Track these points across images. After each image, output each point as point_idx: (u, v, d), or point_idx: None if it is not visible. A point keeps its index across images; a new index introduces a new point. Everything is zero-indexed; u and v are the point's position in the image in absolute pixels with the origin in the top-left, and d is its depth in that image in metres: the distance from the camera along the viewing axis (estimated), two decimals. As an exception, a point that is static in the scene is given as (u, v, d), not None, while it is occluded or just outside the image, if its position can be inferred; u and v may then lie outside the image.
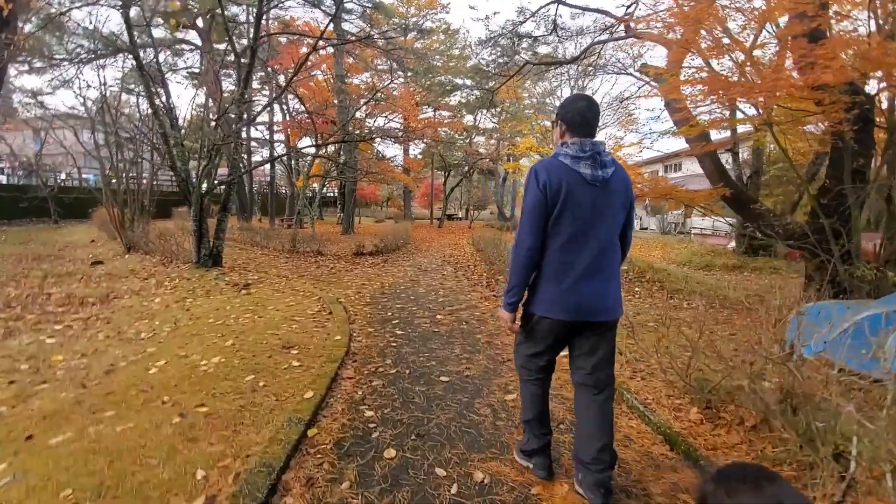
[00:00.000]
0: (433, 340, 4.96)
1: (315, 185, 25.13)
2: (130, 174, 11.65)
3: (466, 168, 31.05)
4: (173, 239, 10.19)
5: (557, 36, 10.51)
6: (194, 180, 8.92)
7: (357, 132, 23.77)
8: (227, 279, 7.82)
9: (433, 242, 18.98)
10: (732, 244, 16.31)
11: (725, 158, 12.73)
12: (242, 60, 8.86)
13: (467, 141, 31.60)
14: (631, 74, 13.26)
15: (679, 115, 6.95)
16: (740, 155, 14.45)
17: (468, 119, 30.14)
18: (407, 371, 3.97)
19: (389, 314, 6.13)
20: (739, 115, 6.85)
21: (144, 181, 12.45)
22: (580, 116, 1.95)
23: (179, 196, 11.49)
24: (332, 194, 33.50)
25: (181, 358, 3.97)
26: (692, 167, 34.91)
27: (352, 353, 4.39)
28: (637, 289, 8.30)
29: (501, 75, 11.75)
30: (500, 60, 12.97)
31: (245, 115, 8.87)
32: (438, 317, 6.06)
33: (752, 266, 12.54)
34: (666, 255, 15.72)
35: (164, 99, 9.05)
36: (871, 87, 5.70)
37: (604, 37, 10.26)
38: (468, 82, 30.88)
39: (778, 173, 14.47)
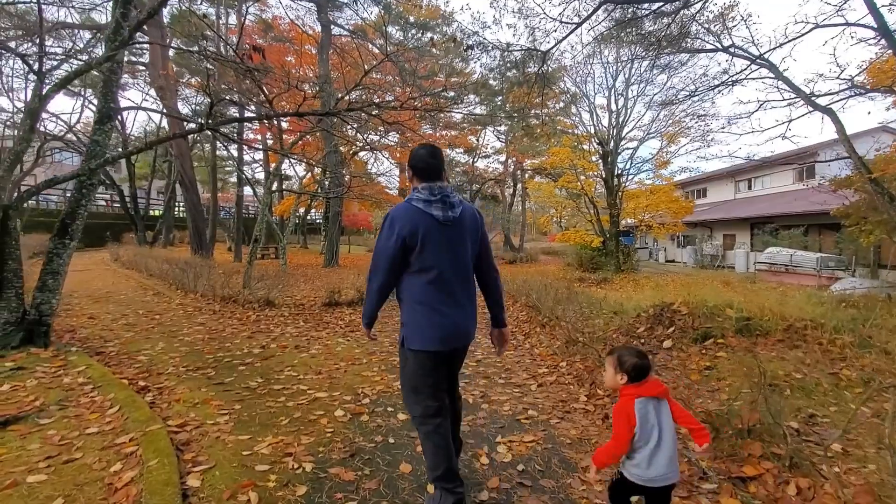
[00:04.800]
0: None
1: (301, 208, 21.27)
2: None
3: (471, 190, 27.02)
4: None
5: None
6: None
7: (344, 148, 19.88)
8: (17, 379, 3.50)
9: (437, 280, 14.64)
10: (840, 286, 12.08)
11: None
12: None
13: (471, 162, 27.87)
14: (728, 51, 9.31)
15: None
16: None
17: (471, 139, 26.51)
18: None
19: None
20: None
21: None
22: (423, 163, 2.06)
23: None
24: (320, 220, 29.29)
25: None
26: (716, 195, 31.43)
27: None
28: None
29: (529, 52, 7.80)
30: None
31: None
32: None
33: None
34: (754, 301, 11.36)
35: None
36: None
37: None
38: (474, 98, 27.68)
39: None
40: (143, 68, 18.36)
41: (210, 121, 4.80)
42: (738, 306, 4.11)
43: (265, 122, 20.27)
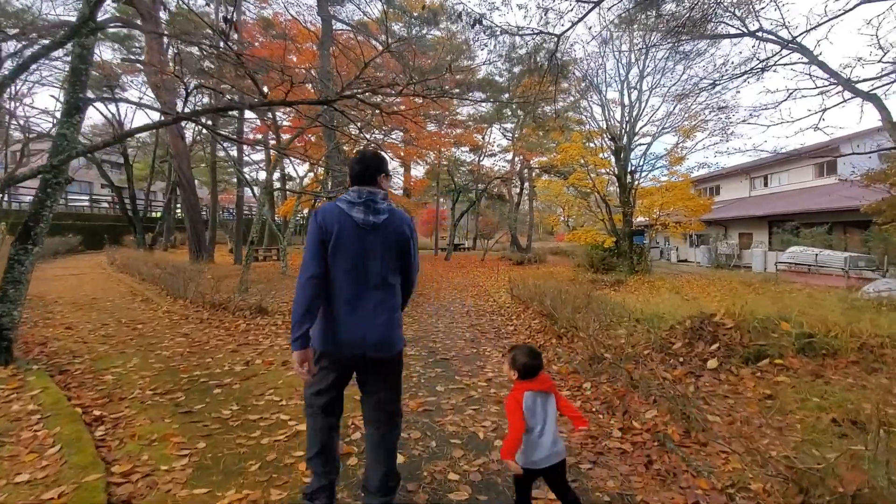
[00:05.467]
0: None
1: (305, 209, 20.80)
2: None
3: (479, 189, 26.41)
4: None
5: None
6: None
7: (347, 147, 19.36)
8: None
9: (443, 283, 14.05)
10: (874, 287, 11.32)
11: None
12: None
13: (476, 160, 27.24)
14: (755, 36, 8.65)
15: None
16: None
17: (477, 137, 25.89)
18: None
19: None
20: None
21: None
22: (353, 168, 2.10)
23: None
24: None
25: None
26: (730, 193, 30.50)
27: None
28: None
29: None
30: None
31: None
32: None
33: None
34: (813, 312, 10.67)
35: None
36: None
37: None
38: (480, 95, 27.05)
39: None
40: (143, 67, 17.96)
41: (187, 110, 4.24)
42: (796, 318, 3.49)
43: (265, 120, 19.83)
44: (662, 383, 3.38)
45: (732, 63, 12.39)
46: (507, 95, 27.20)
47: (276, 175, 30.48)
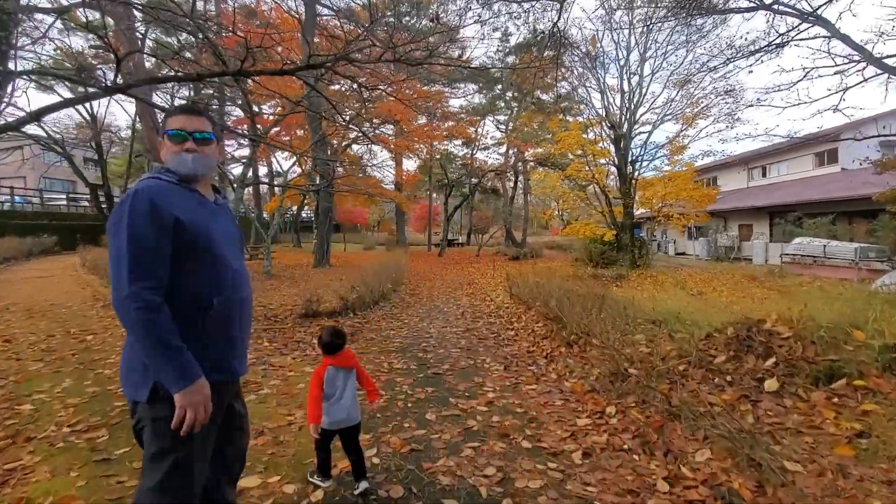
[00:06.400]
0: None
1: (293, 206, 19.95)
2: None
3: (473, 183, 25.67)
4: None
5: None
6: None
7: (335, 143, 18.51)
8: None
9: (437, 281, 13.32)
10: (890, 279, 10.69)
11: None
12: None
13: (469, 154, 26.47)
14: (770, 9, 7.95)
15: None
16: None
17: (470, 129, 25.11)
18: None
19: None
20: None
21: None
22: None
23: None
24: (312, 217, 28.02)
25: None
26: (728, 184, 29.92)
27: None
28: None
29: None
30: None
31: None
32: None
33: None
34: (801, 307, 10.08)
35: None
36: None
37: None
38: (472, 87, 26.23)
39: None
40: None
41: (119, 81, 3.46)
42: (873, 326, 2.80)
43: (247, 114, 18.94)
44: (710, 410, 2.68)
45: (741, 42, 11.68)
46: (499, 87, 26.48)
47: (264, 171, 29.54)
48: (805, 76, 8.53)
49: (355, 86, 14.97)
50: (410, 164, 28.58)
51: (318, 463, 2.29)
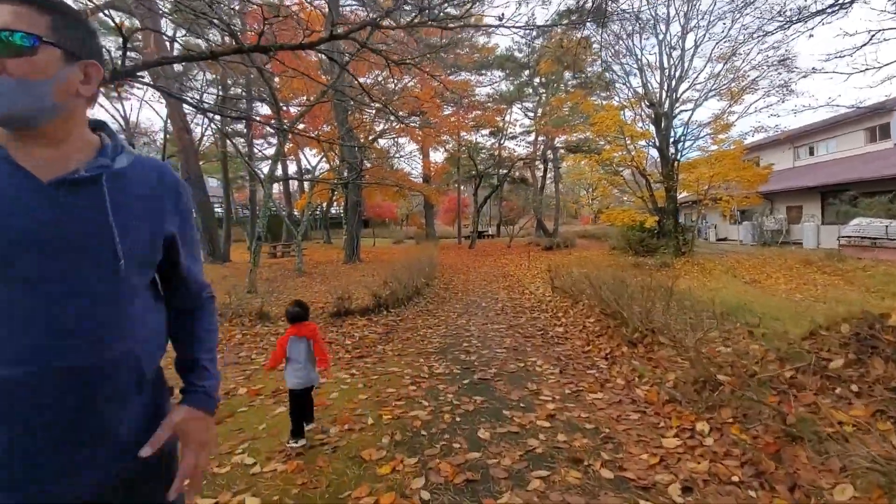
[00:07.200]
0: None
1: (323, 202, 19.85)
2: None
3: (501, 173, 25.03)
4: None
5: None
6: None
7: (362, 138, 18.20)
8: None
9: (470, 274, 12.88)
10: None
11: None
12: None
13: (497, 143, 25.80)
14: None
15: None
16: None
17: (497, 119, 24.41)
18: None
19: None
20: None
21: None
22: None
23: None
24: (342, 213, 27.95)
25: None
26: (772, 164, 28.19)
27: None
28: None
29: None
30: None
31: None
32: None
33: None
34: None
35: None
36: None
37: None
38: (499, 74, 25.48)
39: None
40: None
41: (125, 65, 3.14)
42: None
43: (272, 107, 18.87)
44: (840, 431, 2.14)
45: (793, 6, 10.70)
46: (527, 73, 25.64)
47: (293, 169, 29.68)
48: (870, 39, 7.63)
49: (381, 77, 14.58)
50: (438, 157, 28.15)
51: (292, 428, 2.69)
